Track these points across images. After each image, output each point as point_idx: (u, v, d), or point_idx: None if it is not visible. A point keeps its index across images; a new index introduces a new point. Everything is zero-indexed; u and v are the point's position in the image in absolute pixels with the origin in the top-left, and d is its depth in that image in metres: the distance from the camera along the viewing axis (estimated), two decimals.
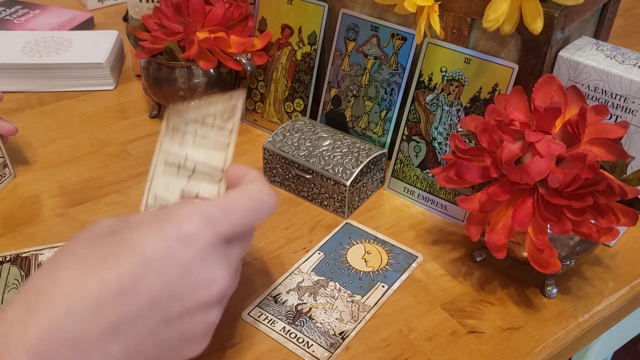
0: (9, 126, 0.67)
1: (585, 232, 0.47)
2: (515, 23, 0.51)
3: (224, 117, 0.51)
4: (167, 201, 0.49)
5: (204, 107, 0.52)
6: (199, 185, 0.49)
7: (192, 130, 0.51)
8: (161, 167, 0.51)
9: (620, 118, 0.55)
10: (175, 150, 0.51)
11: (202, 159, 0.50)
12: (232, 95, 0.51)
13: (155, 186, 0.50)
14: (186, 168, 0.50)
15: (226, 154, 0.49)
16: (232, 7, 0.72)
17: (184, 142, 0.51)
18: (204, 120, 0.51)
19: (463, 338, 0.51)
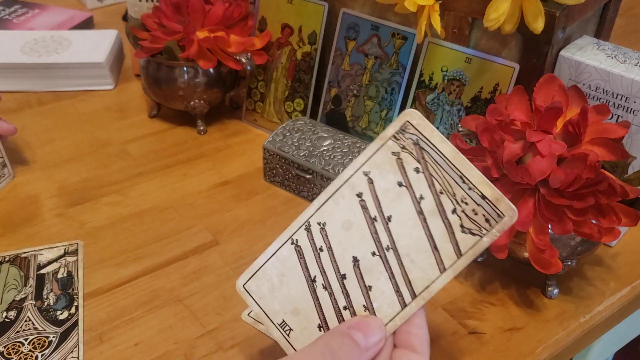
0: (8, 126, 0.67)
1: (587, 233, 0.46)
2: (516, 22, 0.51)
3: (473, 218, 0.35)
4: (331, 248, 0.37)
5: (455, 168, 0.35)
6: (380, 279, 0.36)
7: (419, 190, 0.36)
8: (353, 191, 0.37)
9: (622, 118, 0.54)
10: (383, 189, 0.36)
11: (404, 247, 0.36)
12: (502, 198, 0.35)
13: (332, 211, 0.38)
14: (379, 234, 0.36)
15: (437, 277, 0.36)
16: (232, 6, 0.72)
17: (401, 192, 0.36)
18: (442, 192, 0.35)
19: (464, 339, 0.51)
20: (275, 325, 0.40)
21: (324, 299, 0.37)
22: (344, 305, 0.37)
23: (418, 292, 0.36)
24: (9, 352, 0.49)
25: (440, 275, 0.35)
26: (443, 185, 0.35)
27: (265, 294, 0.39)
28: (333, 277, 0.37)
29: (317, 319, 0.38)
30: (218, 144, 0.75)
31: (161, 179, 0.69)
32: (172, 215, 0.63)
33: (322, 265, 0.38)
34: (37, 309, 0.53)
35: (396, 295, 0.36)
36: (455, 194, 0.35)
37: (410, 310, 0.36)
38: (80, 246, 0.59)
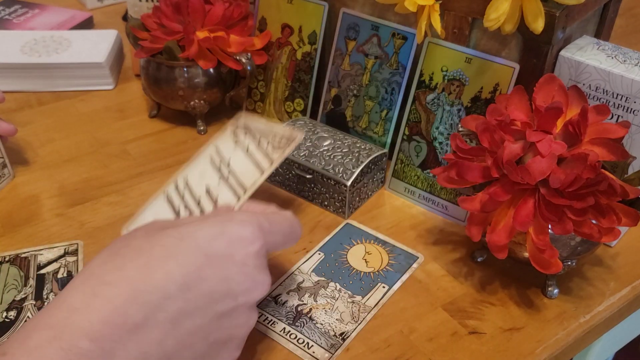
0: (8, 126, 0.67)
1: (587, 233, 0.46)
2: (516, 22, 0.51)
3: (275, 145, 0.55)
4: (190, 190, 0.53)
5: (268, 127, 0.56)
6: (222, 192, 0.52)
7: (246, 143, 0.56)
8: (205, 159, 0.55)
9: (622, 118, 0.54)
10: (224, 149, 0.56)
11: (238, 171, 0.54)
12: (294, 131, 0.55)
13: (191, 172, 0.54)
14: (222, 171, 0.54)
15: (257, 178, 0.52)
16: (232, 6, 0.72)
17: (234, 149, 0.56)
18: (260, 139, 0.56)
19: (464, 339, 0.51)
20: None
21: (184, 215, 0.52)
22: (200, 213, 0.52)
23: (247, 187, 0.52)
24: None
25: (261, 175, 0.53)
26: (262, 134, 0.56)
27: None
28: (191, 202, 0.52)
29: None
30: None
31: (161, 179, 0.69)
32: None
33: (185, 199, 0.53)
34: (37, 309, 0.52)
35: (234, 195, 0.52)
36: (268, 135, 0.56)
37: (243, 199, 0.51)
38: (80, 246, 0.59)
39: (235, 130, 0.57)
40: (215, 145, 0.56)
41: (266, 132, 0.56)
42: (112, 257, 0.38)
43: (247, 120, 0.58)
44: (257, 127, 0.57)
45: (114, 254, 0.38)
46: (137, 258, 0.37)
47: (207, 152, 0.56)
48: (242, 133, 0.57)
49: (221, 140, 0.57)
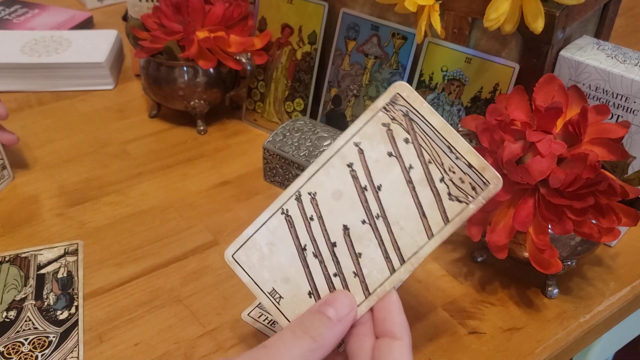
0: (10, 136, 0.67)
1: (587, 232, 0.46)
2: (516, 22, 0.51)
3: (460, 186, 0.36)
4: (322, 217, 0.38)
5: (443, 138, 0.36)
6: (369, 246, 0.37)
7: (407, 161, 0.37)
8: (342, 169, 0.38)
9: (622, 118, 0.54)
10: (373, 160, 0.37)
11: (393, 215, 0.37)
12: (487, 167, 0.36)
13: (322, 181, 0.38)
14: (370, 205, 0.37)
15: (426, 242, 0.36)
16: (232, 6, 0.72)
17: (388, 165, 0.37)
18: (430, 162, 0.36)
19: (464, 339, 0.51)
20: (265, 293, 0.40)
21: (314, 267, 0.38)
22: (334, 272, 0.38)
23: (407, 258, 0.36)
24: (9, 352, 0.49)
25: (428, 241, 0.36)
26: (431, 154, 0.36)
27: (255, 263, 0.39)
28: (323, 245, 0.38)
29: (307, 286, 0.38)
30: (218, 144, 0.75)
31: (161, 179, 0.69)
32: (172, 215, 0.63)
33: (313, 234, 0.38)
34: (37, 309, 0.53)
35: (385, 261, 0.37)
36: (443, 163, 0.36)
37: (399, 275, 0.36)
38: (80, 246, 0.59)
39: (391, 125, 0.37)
40: (359, 145, 0.37)
41: (441, 149, 0.36)
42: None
43: (412, 101, 0.37)
44: (425, 130, 0.37)
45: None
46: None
47: (346, 154, 0.38)
48: (401, 134, 0.37)
49: (368, 138, 0.37)
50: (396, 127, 0.37)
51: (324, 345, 0.35)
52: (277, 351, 0.34)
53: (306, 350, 0.34)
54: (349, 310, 0.36)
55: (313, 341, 0.34)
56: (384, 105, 0.37)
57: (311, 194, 0.38)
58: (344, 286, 0.37)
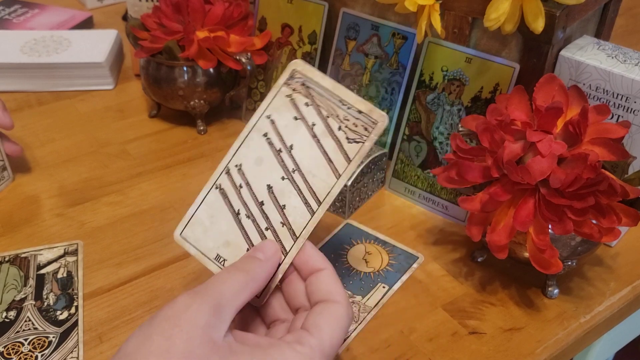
0: (14, 147, 0.67)
1: (587, 232, 0.46)
2: (516, 22, 0.51)
3: (351, 129, 0.42)
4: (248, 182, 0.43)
5: (337, 92, 0.43)
6: (291, 196, 0.42)
7: (310, 120, 0.43)
8: (260, 138, 0.44)
9: (622, 118, 0.54)
10: (282, 126, 0.44)
11: (306, 167, 0.43)
12: (375, 110, 0.42)
13: (246, 153, 0.44)
14: (286, 163, 0.43)
15: (333, 184, 0.42)
16: (231, 6, 0.72)
17: (297, 124, 0.43)
18: (328, 117, 0.43)
19: (464, 339, 0.51)
20: (211, 260, 0.45)
21: (248, 226, 0.43)
22: (265, 227, 0.43)
23: (322, 199, 0.42)
24: (9, 352, 0.49)
25: (337, 180, 0.42)
26: (328, 110, 0.43)
27: (200, 236, 0.44)
28: (253, 206, 0.43)
29: (245, 244, 0.43)
30: (218, 144, 0.75)
31: (161, 179, 0.69)
32: (172, 215, 0.63)
33: (244, 199, 0.44)
34: (37, 309, 0.52)
35: (305, 206, 0.42)
36: (339, 115, 0.43)
37: (318, 215, 0.42)
38: (80, 246, 0.59)
39: (292, 95, 0.44)
40: (270, 117, 0.44)
41: (335, 104, 0.43)
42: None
43: (306, 72, 0.44)
44: (321, 92, 0.43)
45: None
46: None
47: (261, 127, 0.44)
48: (302, 100, 0.43)
49: (276, 110, 0.44)
50: (297, 96, 0.44)
51: (256, 278, 0.39)
52: (214, 286, 0.38)
53: (241, 282, 0.38)
54: (274, 252, 0.42)
55: (246, 274, 0.39)
56: (285, 81, 0.44)
57: (237, 166, 0.44)
58: (274, 236, 0.43)
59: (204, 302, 0.36)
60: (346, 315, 0.40)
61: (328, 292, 0.41)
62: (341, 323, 0.40)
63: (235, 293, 0.38)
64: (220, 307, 0.37)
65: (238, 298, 0.38)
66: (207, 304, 0.36)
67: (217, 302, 0.37)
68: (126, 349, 0.34)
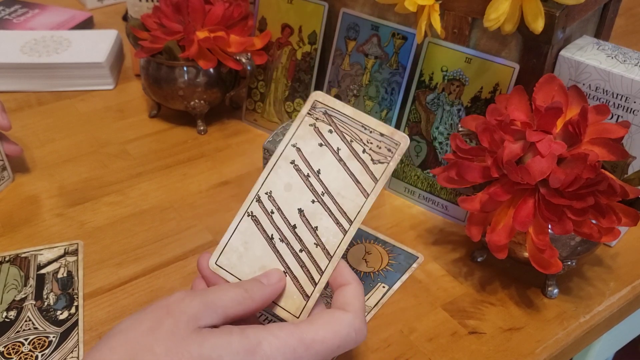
0: (14, 147, 0.67)
1: (587, 232, 0.46)
2: (516, 22, 0.51)
3: (379, 153, 0.45)
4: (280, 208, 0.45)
5: (357, 121, 0.46)
6: (322, 218, 0.44)
7: (335, 145, 0.46)
8: (287, 166, 0.46)
9: (622, 118, 0.54)
10: (308, 153, 0.46)
11: (334, 189, 0.45)
12: (396, 132, 0.45)
13: (274, 180, 0.46)
14: (315, 187, 0.45)
15: (362, 204, 0.44)
16: (231, 6, 0.72)
17: (321, 153, 0.46)
18: (352, 142, 0.46)
19: (464, 339, 0.51)
20: None
21: (283, 250, 0.45)
22: (299, 249, 0.44)
23: (353, 218, 0.44)
24: (9, 352, 0.49)
25: (365, 200, 0.44)
26: (352, 135, 0.46)
27: (235, 262, 0.45)
28: (286, 230, 0.45)
29: (281, 267, 0.44)
30: (218, 144, 0.75)
31: (161, 179, 0.69)
32: (172, 215, 0.63)
33: (276, 224, 0.45)
34: (37, 309, 0.53)
35: (337, 226, 0.44)
36: (362, 139, 0.45)
37: (350, 234, 0.44)
38: (80, 246, 0.59)
39: (316, 123, 0.46)
40: (296, 145, 0.46)
41: (358, 129, 0.45)
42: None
43: (327, 102, 0.47)
44: (343, 119, 0.46)
45: (133, 357, 0.36)
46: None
47: (287, 155, 0.46)
48: (325, 127, 0.46)
49: (301, 138, 0.46)
50: (320, 124, 0.46)
51: (254, 297, 0.41)
52: (212, 291, 0.40)
53: (239, 296, 0.40)
54: (277, 279, 0.43)
55: (245, 292, 0.41)
56: (307, 111, 0.47)
57: (267, 193, 0.46)
58: (309, 257, 0.44)
59: (197, 298, 0.39)
60: (348, 325, 0.40)
61: (344, 302, 0.42)
62: (340, 330, 0.40)
63: (230, 302, 0.40)
64: (212, 305, 0.39)
65: (232, 307, 0.40)
66: (200, 300, 0.39)
67: (210, 301, 0.39)
68: (119, 327, 0.38)
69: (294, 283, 0.44)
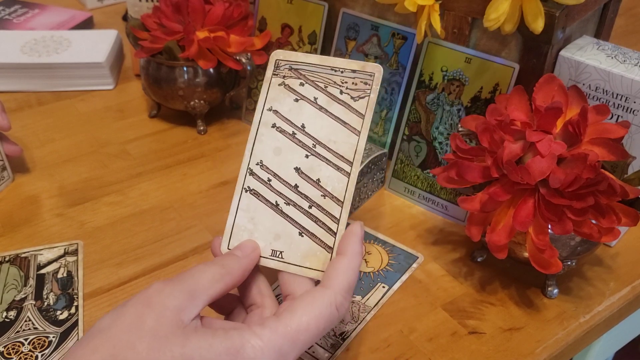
0: (14, 147, 0.67)
1: (587, 232, 0.46)
2: (516, 22, 0.51)
3: (356, 89, 0.44)
4: (276, 173, 0.44)
5: (326, 66, 0.45)
6: (321, 169, 0.44)
7: (310, 95, 0.45)
8: (270, 131, 0.45)
9: (621, 118, 0.54)
10: (286, 111, 0.45)
11: (325, 137, 0.44)
12: (367, 64, 0.45)
13: (261, 149, 0.45)
14: (304, 140, 0.45)
15: (356, 141, 0.44)
16: (231, 6, 0.72)
17: (300, 105, 0.45)
18: (326, 86, 0.45)
19: (464, 339, 0.51)
20: (268, 258, 0.44)
21: (292, 212, 0.44)
22: (308, 205, 0.44)
23: (352, 159, 0.44)
24: (9, 352, 0.49)
25: (358, 137, 0.44)
26: (324, 81, 0.45)
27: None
28: (289, 192, 0.44)
29: (295, 230, 0.44)
30: (218, 144, 0.75)
31: (161, 179, 0.69)
32: (172, 215, 0.63)
33: (277, 190, 0.44)
34: (37, 309, 0.53)
35: (339, 172, 0.44)
36: (335, 81, 0.45)
37: (354, 175, 0.43)
38: (80, 246, 0.59)
39: (285, 81, 0.46)
40: (272, 108, 0.45)
41: (328, 73, 0.45)
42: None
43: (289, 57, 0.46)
44: (310, 69, 0.45)
45: (114, 355, 0.35)
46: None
47: (266, 120, 0.45)
48: (295, 82, 0.45)
49: (275, 100, 0.45)
50: (289, 80, 0.46)
51: (231, 272, 0.41)
52: (189, 275, 0.39)
53: (216, 274, 0.40)
54: (251, 249, 0.43)
55: (221, 267, 0.40)
56: (272, 72, 0.46)
57: (258, 164, 0.45)
58: (321, 210, 0.44)
59: (176, 288, 0.38)
60: (329, 304, 0.39)
61: (328, 277, 0.41)
62: (322, 311, 0.39)
63: (209, 283, 0.39)
64: (193, 292, 0.38)
65: (212, 287, 0.39)
66: (180, 289, 0.38)
67: (190, 288, 0.38)
68: (100, 325, 0.37)
69: (313, 240, 0.43)
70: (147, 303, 0.37)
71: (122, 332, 0.36)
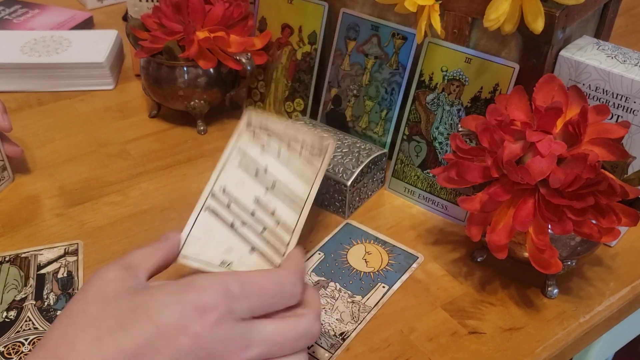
0: (15, 148, 0.67)
1: (587, 233, 0.46)
2: (516, 22, 0.51)
3: (313, 152, 0.51)
4: (236, 199, 0.49)
5: (290, 129, 0.52)
6: (277, 203, 0.48)
7: (275, 146, 0.51)
8: (236, 166, 0.51)
9: (622, 118, 0.54)
10: (254, 155, 0.51)
11: (284, 180, 0.50)
12: (324, 136, 0.51)
13: (226, 178, 0.50)
14: (265, 179, 0.50)
15: (310, 188, 0.49)
16: (232, 6, 0.72)
17: (265, 152, 0.51)
18: (290, 143, 0.51)
19: (464, 338, 0.51)
20: (217, 266, 0.47)
21: (245, 233, 0.47)
22: (262, 228, 0.47)
23: (304, 202, 0.48)
24: (9, 352, 0.49)
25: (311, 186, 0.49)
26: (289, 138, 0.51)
27: (199, 250, 0.47)
28: (246, 216, 0.48)
29: (246, 246, 0.47)
30: (218, 144, 0.75)
31: (161, 179, 0.69)
32: (172, 215, 0.63)
33: (235, 212, 0.48)
34: (37, 309, 0.53)
35: (292, 209, 0.48)
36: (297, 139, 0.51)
37: (306, 211, 0.48)
38: (80, 246, 0.59)
39: (253, 128, 0.52)
40: (240, 149, 0.51)
41: (292, 134, 0.52)
42: (66, 328, 0.37)
43: (261, 119, 0.53)
44: (277, 127, 0.52)
45: (70, 323, 0.37)
46: (89, 330, 0.36)
47: (234, 158, 0.51)
48: (262, 132, 0.52)
49: (245, 144, 0.52)
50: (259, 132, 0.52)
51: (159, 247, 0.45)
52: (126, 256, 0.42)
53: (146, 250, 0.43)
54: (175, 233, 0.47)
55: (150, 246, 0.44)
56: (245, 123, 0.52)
57: (221, 188, 0.49)
58: (272, 235, 0.47)
59: (112, 265, 0.41)
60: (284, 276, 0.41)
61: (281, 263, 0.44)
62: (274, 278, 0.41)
63: (142, 257, 0.42)
64: (130, 265, 0.41)
65: (147, 261, 0.42)
66: (115, 265, 0.41)
67: (126, 263, 0.41)
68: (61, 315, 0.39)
69: (261, 258, 0.46)
70: (87, 286, 0.39)
71: (71, 305, 0.38)
